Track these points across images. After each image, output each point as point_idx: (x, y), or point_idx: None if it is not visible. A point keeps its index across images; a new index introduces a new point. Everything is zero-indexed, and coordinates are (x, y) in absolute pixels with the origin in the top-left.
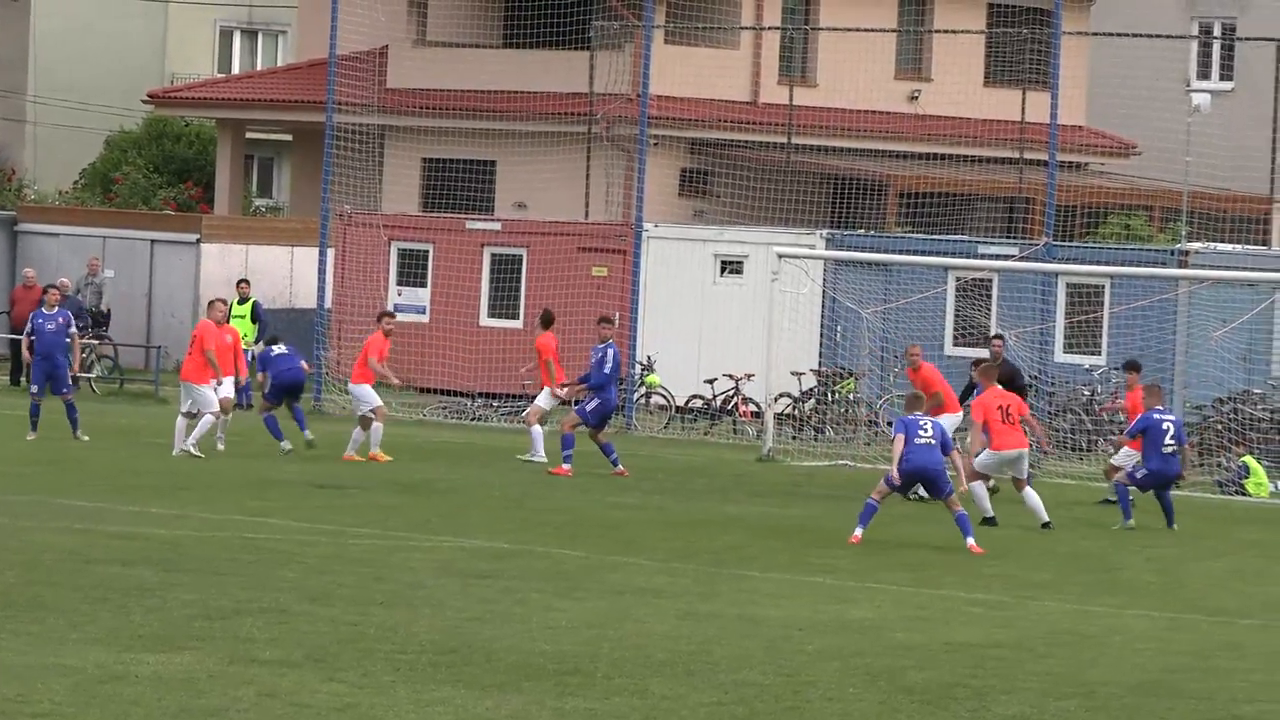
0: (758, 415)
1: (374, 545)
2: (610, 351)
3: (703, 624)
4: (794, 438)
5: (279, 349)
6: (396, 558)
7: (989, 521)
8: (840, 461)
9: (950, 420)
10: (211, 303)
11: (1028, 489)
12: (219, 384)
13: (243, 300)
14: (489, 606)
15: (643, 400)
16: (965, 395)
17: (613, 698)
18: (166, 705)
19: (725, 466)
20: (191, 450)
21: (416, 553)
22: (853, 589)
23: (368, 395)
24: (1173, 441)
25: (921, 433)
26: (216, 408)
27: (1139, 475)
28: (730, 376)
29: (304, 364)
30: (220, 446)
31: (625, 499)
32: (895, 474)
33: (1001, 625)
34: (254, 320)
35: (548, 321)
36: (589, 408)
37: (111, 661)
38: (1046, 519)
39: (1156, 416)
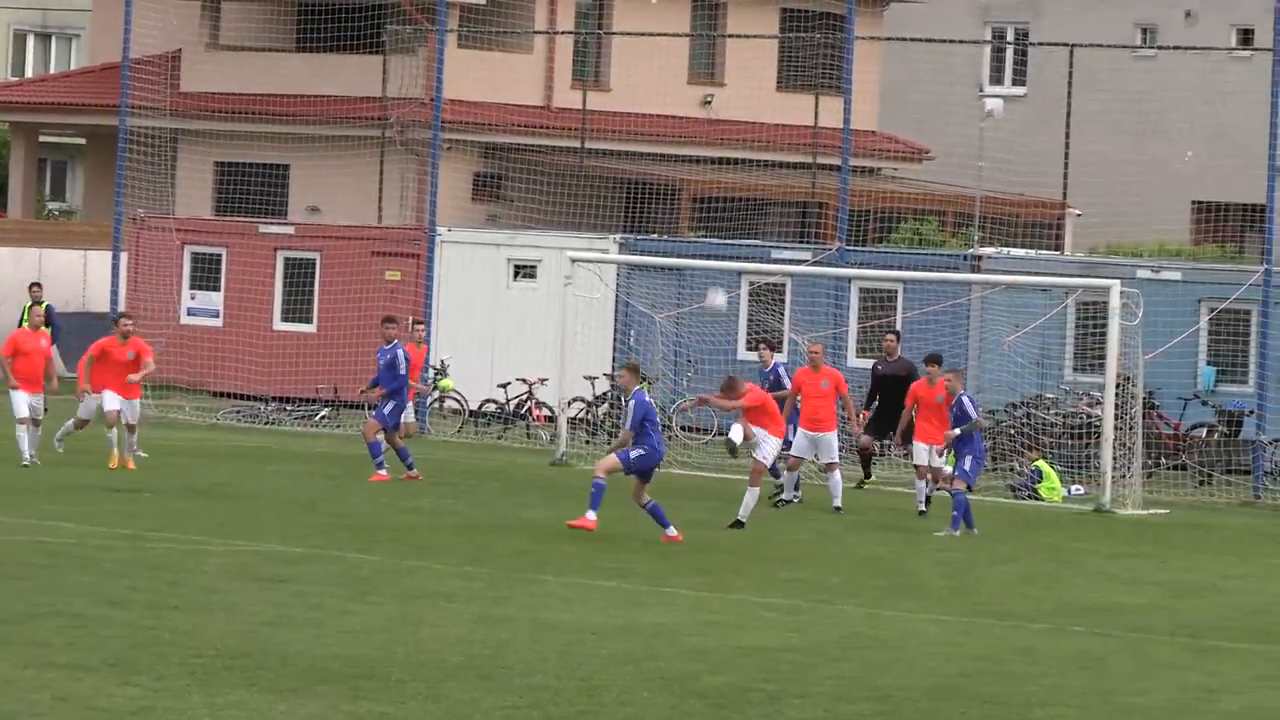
0: (551, 419)
1: (169, 549)
2: (399, 352)
3: (496, 628)
4: (587, 442)
5: None
6: (191, 562)
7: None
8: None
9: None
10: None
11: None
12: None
13: (36, 303)
14: (283, 611)
15: (436, 404)
16: (870, 398)
17: (408, 702)
18: None
19: (518, 471)
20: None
21: (211, 557)
22: (646, 593)
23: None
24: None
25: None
26: (21, 415)
27: (969, 469)
28: (524, 381)
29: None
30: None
31: (419, 503)
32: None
33: (795, 630)
34: (47, 324)
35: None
36: (386, 411)
37: None
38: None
39: (967, 399)
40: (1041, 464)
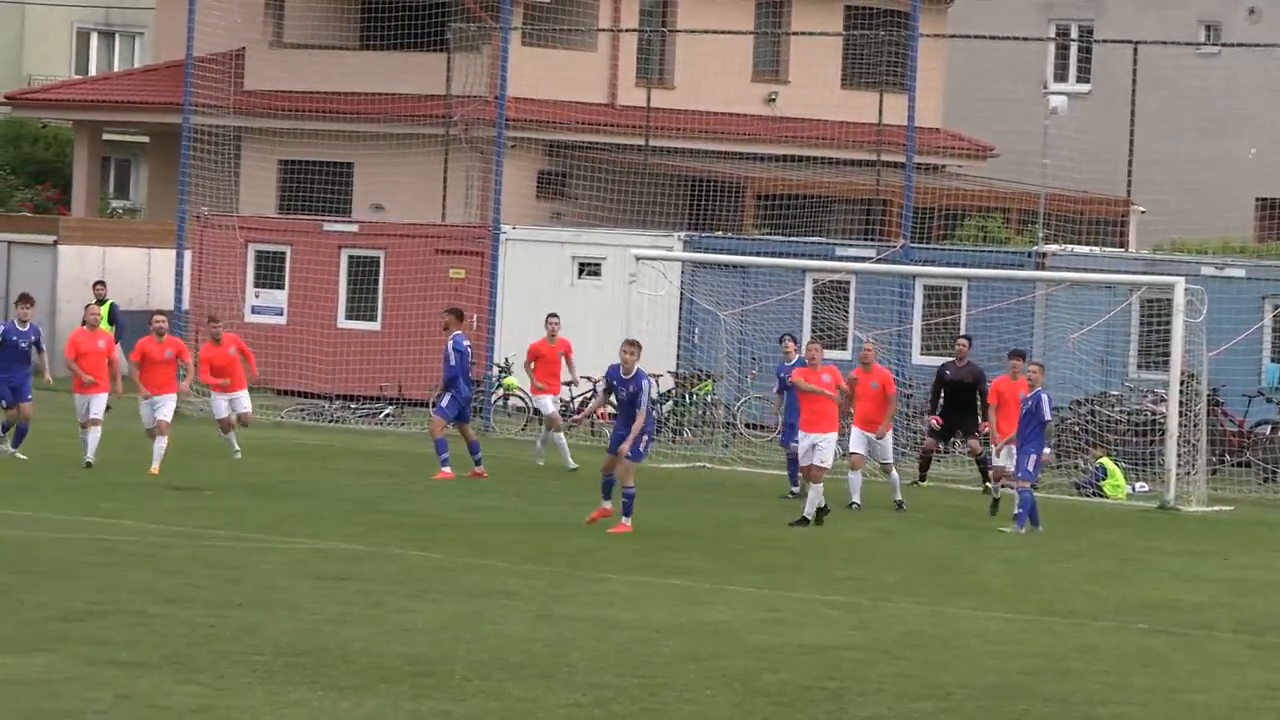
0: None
1: (229, 547)
2: (449, 345)
3: (558, 626)
4: (656, 437)
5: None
6: (251, 559)
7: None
8: (698, 464)
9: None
10: (89, 309)
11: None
12: (148, 400)
13: (100, 301)
14: (344, 609)
15: (500, 402)
16: (934, 400)
17: (469, 700)
18: (22, 708)
19: (582, 469)
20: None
21: (271, 554)
22: (708, 591)
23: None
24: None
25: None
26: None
27: (1031, 468)
28: (589, 379)
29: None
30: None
31: (480, 501)
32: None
33: (856, 627)
34: (111, 322)
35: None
36: (444, 404)
37: None
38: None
39: (1045, 396)
40: (1106, 461)
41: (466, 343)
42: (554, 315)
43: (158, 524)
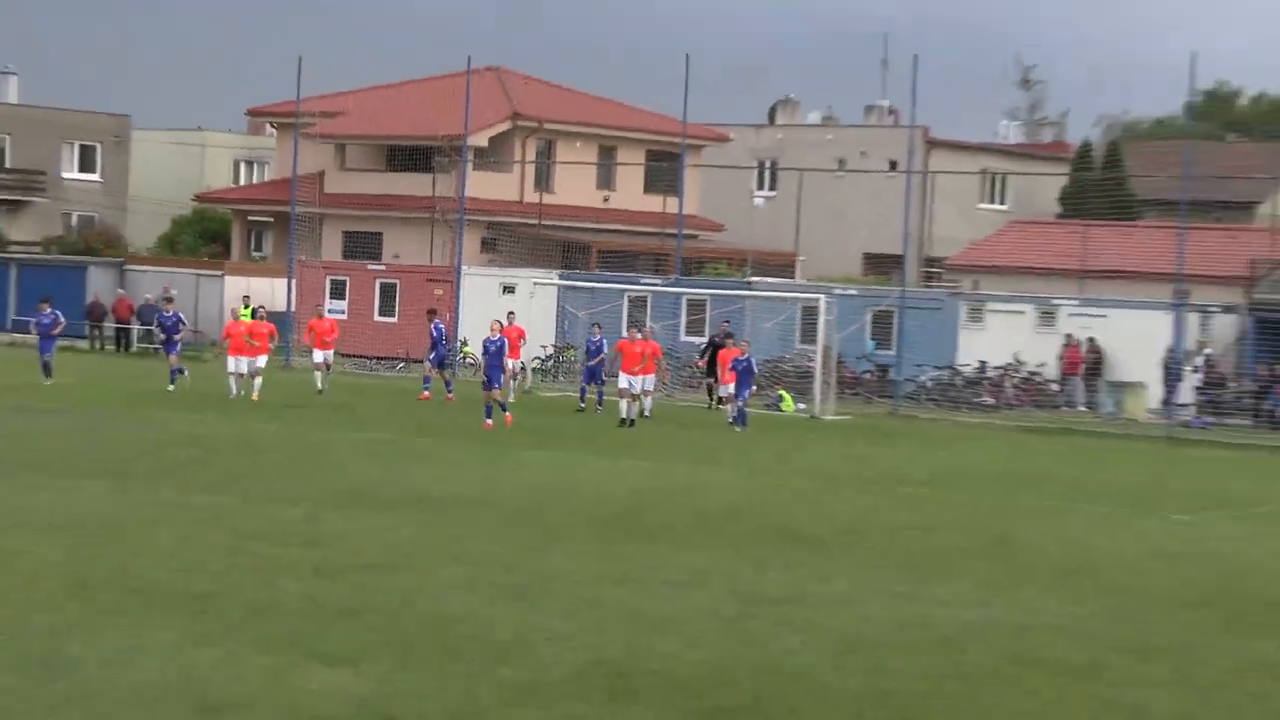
0: (523, 368)
1: (326, 436)
2: (441, 328)
3: (496, 474)
4: (543, 380)
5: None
6: (336, 440)
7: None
8: (565, 393)
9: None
10: (233, 310)
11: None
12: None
13: (245, 307)
14: (377, 467)
15: (462, 360)
16: (704, 353)
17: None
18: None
19: (520, 403)
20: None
21: (348, 440)
22: (573, 459)
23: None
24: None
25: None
26: (236, 371)
27: (745, 396)
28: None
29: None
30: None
31: (447, 413)
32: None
33: (655, 478)
34: (253, 319)
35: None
36: (430, 357)
37: None
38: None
39: (750, 358)
40: (783, 393)
41: (442, 325)
42: (512, 312)
43: (282, 425)
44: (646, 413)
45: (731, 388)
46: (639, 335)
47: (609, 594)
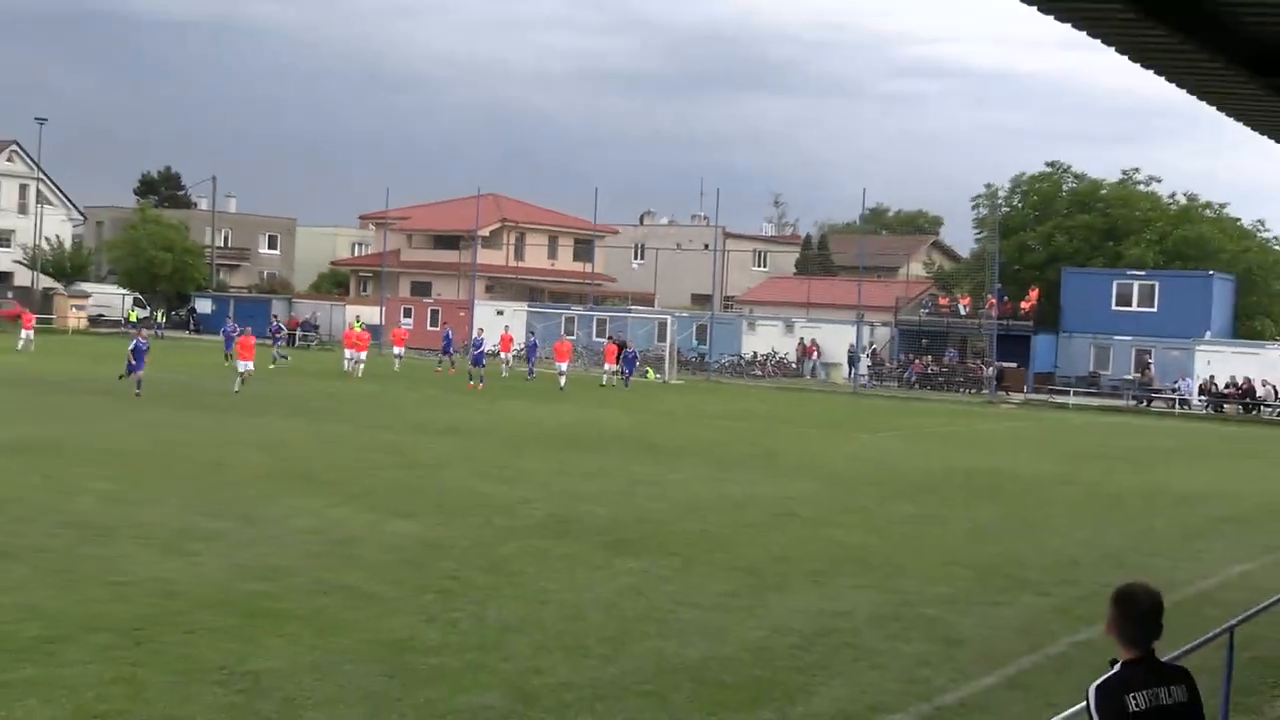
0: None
1: (411, 394)
2: (449, 334)
3: (486, 417)
4: (516, 363)
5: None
6: (422, 400)
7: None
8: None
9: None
10: (349, 323)
11: None
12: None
13: (358, 320)
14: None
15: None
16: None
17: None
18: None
19: (528, 382)
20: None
21: (422, 396)
22: (534, 407)
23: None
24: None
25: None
26: (351, 359)
27: (629, 372)
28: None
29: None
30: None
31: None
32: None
33: (567, 420)
34: (361, 329)
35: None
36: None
37: None
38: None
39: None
40: (649, 369)
41: (450, 333)
42: (507, 326)
43: (375, 386)
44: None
45: (617, 367)
46: (567, 339)
47: (555, 479)
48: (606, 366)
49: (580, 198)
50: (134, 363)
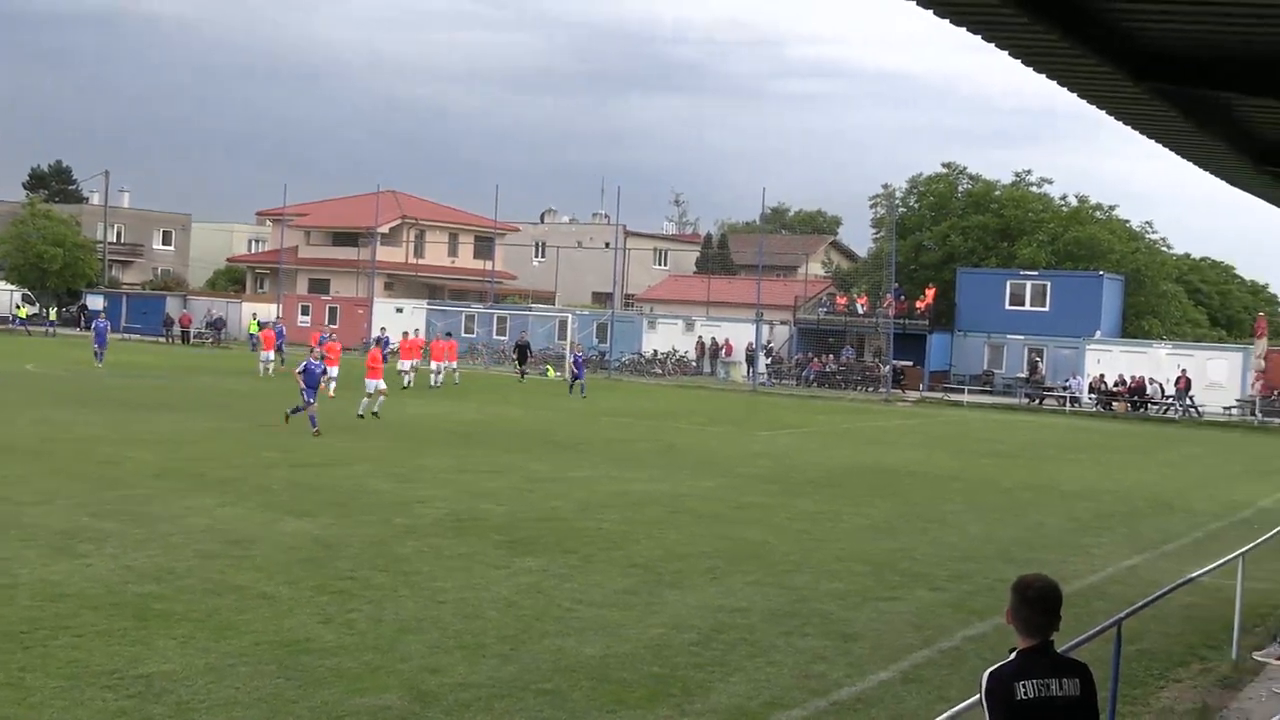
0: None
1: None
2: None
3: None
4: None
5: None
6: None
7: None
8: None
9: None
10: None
11: None
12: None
13: (254, 319)
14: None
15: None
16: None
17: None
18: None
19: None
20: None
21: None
22: (443, 397)
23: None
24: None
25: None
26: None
27: (580, 374)
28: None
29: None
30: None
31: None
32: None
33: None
34: (261, 329)
35: None
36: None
37: None
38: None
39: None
40: (549, 366)
41: (283, 328)
42: (406, 332)
43: (275, 384)
44: (438, 381)
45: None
46: (444, 338)
47: (453, 477)
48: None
49: (481, 195)
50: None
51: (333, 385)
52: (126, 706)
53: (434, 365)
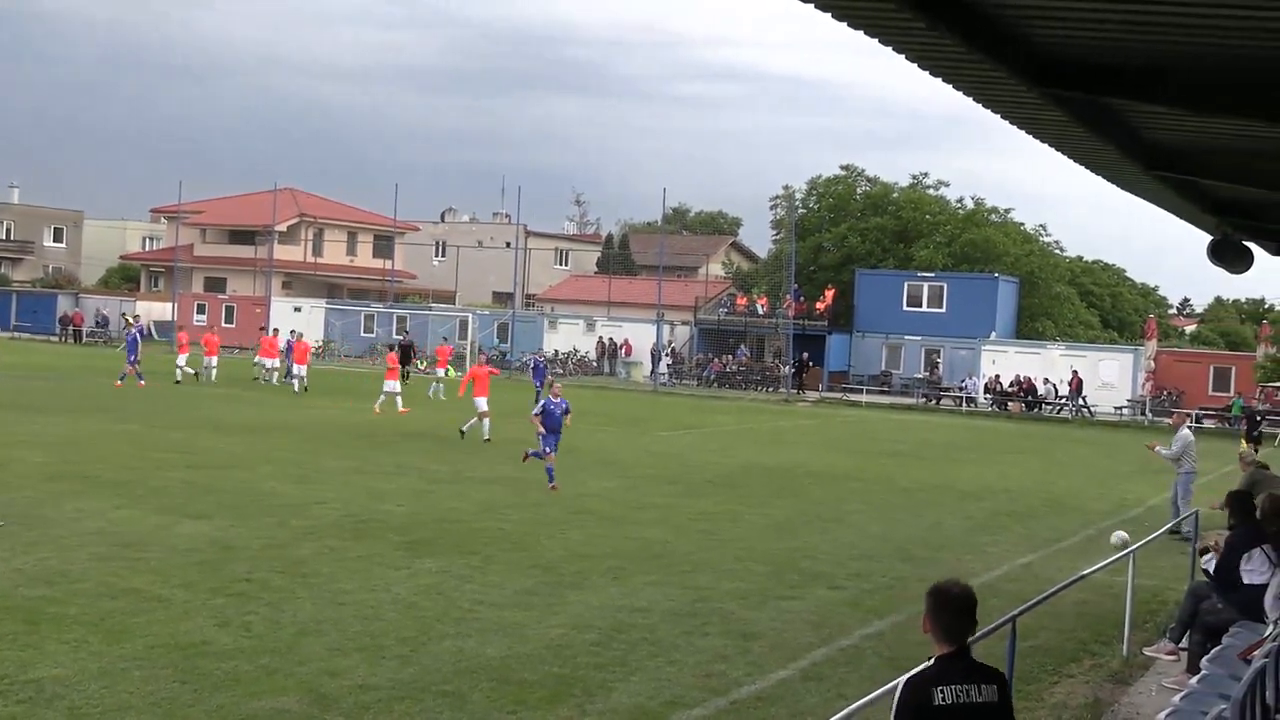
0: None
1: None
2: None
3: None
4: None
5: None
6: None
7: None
8: (329, 369)
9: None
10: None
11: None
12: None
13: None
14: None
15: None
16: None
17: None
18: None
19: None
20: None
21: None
22: (355, 407)
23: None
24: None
25: None
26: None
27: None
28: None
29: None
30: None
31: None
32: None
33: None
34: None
35: None
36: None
37: None
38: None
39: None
40: (449, 366)
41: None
42: (298, 333)
43: (189, 387)
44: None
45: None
46: (303, 339)
47: (354, 478)
48: (439, 372)
49: (380, 194)
50: None
51: (297, 383)
52: (16, 712)
53: (299, 369)
